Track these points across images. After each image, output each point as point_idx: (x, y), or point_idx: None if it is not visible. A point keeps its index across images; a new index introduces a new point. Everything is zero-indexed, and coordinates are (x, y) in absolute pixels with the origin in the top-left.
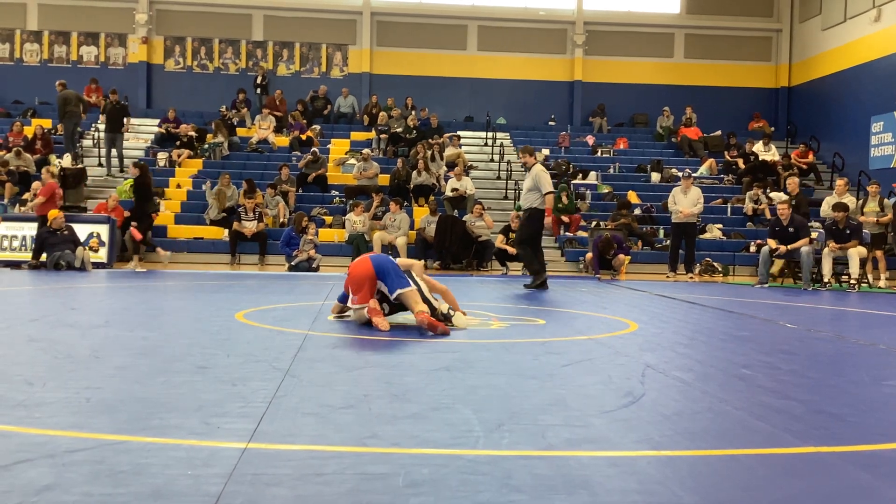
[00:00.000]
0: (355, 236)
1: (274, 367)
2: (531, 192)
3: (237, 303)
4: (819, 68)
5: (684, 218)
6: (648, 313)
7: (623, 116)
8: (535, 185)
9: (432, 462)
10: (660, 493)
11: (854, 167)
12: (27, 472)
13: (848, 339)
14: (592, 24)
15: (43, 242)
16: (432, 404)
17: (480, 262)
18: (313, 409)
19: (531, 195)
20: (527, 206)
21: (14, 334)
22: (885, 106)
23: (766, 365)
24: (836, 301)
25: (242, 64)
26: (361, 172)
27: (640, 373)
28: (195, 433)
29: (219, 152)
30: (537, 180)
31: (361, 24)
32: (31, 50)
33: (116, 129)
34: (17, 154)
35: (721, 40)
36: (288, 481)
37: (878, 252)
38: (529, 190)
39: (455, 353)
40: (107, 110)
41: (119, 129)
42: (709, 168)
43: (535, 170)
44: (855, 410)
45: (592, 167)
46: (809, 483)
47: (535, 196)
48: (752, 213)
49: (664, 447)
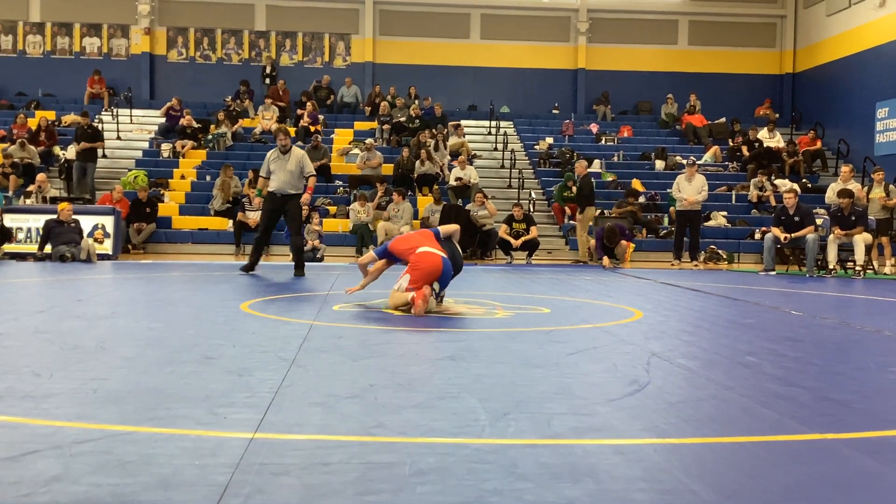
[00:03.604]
0: (359, 226)
1: (280, 357)
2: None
3: (242, 293)
4: (824, 54)
5: (689, 206)
6: (653, 301)
7: (627, 104)
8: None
9: (438, 451)
10: (665, 480)
11: (859, 153)
12: (35, 463)
13: (853, 325)
14: (596, 12)
15: (49, 233)
16: (438, 393)
17: (485, 250)
18: (319, 398)
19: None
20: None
21: (21, 326)
22: (891, 92)
23: (772, 352)
24: (841, 288)
25: (245, 54)
26: (365, 162)
27: (646, 361)
28: (202, 423)
29: (222, 143)
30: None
31: (364, 14)
32: (33, 42)
33: (90, 157)
34: (21, 146)
35: (725, 27)
36: (295, 471)
37: (884, 238)
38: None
39: (460, 342)
40: (77, 135)
41: (93, 158)
42: (713, 155)
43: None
44: (861, 397)
45: (596, 155)
46: (815, 470)
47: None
48: (756, 200)
49: (669, 435)
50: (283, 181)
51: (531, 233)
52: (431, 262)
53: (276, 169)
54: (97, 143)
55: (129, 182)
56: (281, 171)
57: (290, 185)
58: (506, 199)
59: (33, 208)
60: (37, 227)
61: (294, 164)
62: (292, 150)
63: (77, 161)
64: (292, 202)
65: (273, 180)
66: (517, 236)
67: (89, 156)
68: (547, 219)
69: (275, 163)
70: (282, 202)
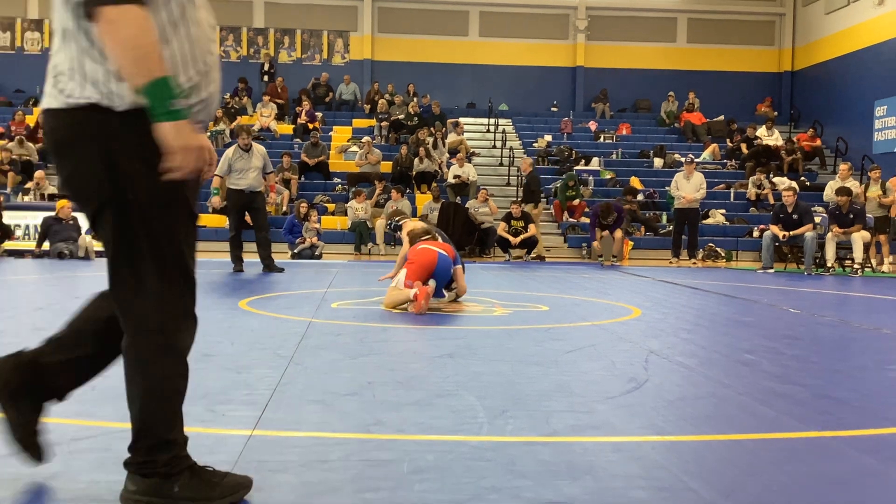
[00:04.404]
0: (358, 223)
1: (278, 354)
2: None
3: (240, 290)
4: (822, 52)
5: (687, 203)
6: (651, 299)
7: (626, 102)
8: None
9: (437, 448)
10: (664, 478)
11: (858, 151)
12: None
13: (851, 323)
14: (595, 10)
15: (47, 230)
16: (436, 391)
17: (483, 248)
18: (318, 396)
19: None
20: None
21: (19, 323)
22: (889, 90)
23: (770, 350)
24: (839, 286)
25: (244, 51)
26: (364, 159)
27: (644, 358)
28: (200, 420)
29: (221, 140)
30: None
31: (363, 11)
32: (31, 38)
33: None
34: (19, 143)
35: (724, 25)
36: (293, 468)
37: (882, 236)
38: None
39: (459, 339)
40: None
41: None
42: (712, 153)
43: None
44: (859, 395)
45: (595, 153)
46: (813, 467)
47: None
48: (755, 198)
49: (668, 432)
50: (251, 178)
51: (529, 230)
52: (427, 257)
53: (241, 167)
54: None
55: None
56: (247, 169)
57: (257, 181)
58: (504, 196)
59: (32, 205)
60: (35, 224)
61: (259, 160)
62: (254, 147)
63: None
64: (259, 198)
65: (240, 179)
66: (516, 234)
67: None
68: (546, 217)
69: (238, 161)
70: (250, 199)
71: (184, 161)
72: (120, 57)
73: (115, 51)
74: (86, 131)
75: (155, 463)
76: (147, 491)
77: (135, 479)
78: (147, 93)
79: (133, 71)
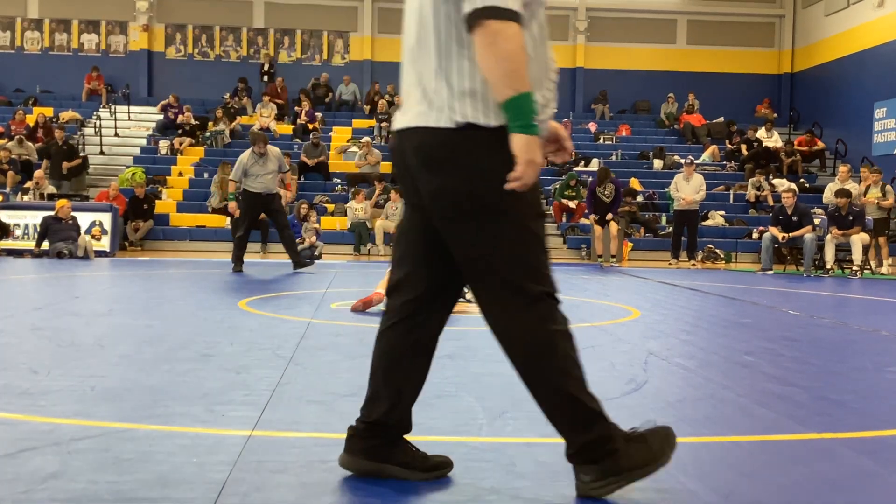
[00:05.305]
0: (357, 224)
1: (277, 355)
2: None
3: (240, 291)
4: (822, 54)
5: (687, 205)
6: (651, 300)
7: (625, 103)
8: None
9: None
10: (662, 479)
11: (857, 153)
12: (33, 460)
13: (850, 325)
14: (594, 11)
15: (47, 230)
16: (436, 392)
17: None
18: (317, 396)
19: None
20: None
21: (18, 323)
22: (888, 92)
23: (769, 352)
24: (838, 288)
25: (244, 51)
26: (364, 160)
27: (643, 360)
28: (200, 421)
29: (220, 140)
30: None
31: (362, 11)
32: (31, 38)
33: (75, 172)
34: (19, 142)
35: (724, 26)
36: (293, 468)
37: (881, 238)
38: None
39: (458, 340)
40: (51, 152)
41: (67, 178)
42: (711, 155)
43: None
44: (857, 397)
45: (595, 154)
46: (812, 469)
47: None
48: (754, 199)
49: None
50: (268, 181)
51: None
52: None
53: (257, 172)
54: (75, 161)
55: (126, 179)
56: (263, 174)
57: (273, 183)
58: None
59: (31, 205)
60: (34, 223)
61: (274, 164)
62: (269, 151)
63: (51, 180)
64: (276, 200)
65: (257, 182)
66: None
67: (74, 171)
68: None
69: (254, 166)
70: (266, 201)
71: (527, 173)
72: (494, 68)
73: (490, 61)
74: (463, 147)
75: (596, 442)
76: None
77: (585, 468)
78: (511, 105)
79: (504, 83)
